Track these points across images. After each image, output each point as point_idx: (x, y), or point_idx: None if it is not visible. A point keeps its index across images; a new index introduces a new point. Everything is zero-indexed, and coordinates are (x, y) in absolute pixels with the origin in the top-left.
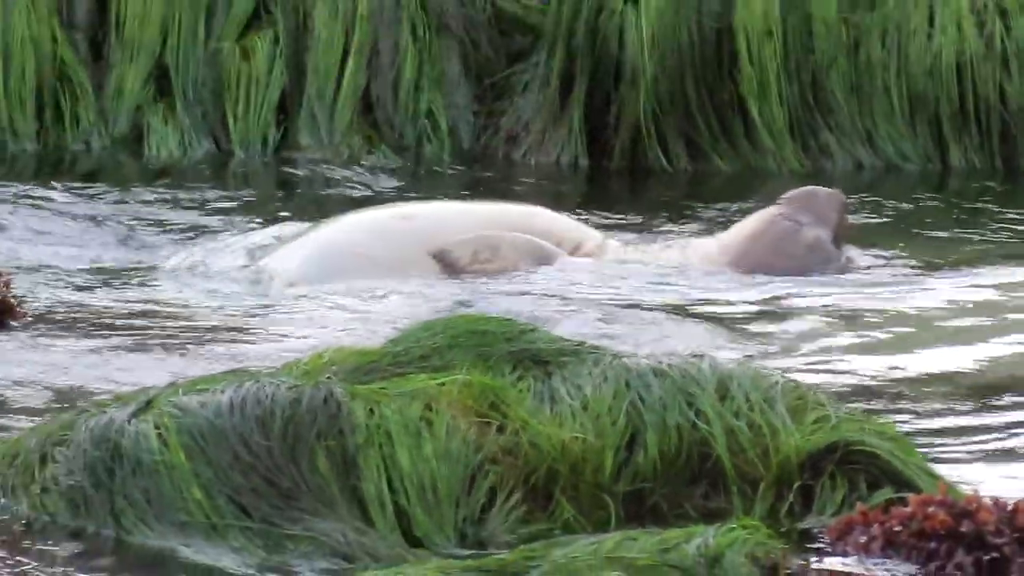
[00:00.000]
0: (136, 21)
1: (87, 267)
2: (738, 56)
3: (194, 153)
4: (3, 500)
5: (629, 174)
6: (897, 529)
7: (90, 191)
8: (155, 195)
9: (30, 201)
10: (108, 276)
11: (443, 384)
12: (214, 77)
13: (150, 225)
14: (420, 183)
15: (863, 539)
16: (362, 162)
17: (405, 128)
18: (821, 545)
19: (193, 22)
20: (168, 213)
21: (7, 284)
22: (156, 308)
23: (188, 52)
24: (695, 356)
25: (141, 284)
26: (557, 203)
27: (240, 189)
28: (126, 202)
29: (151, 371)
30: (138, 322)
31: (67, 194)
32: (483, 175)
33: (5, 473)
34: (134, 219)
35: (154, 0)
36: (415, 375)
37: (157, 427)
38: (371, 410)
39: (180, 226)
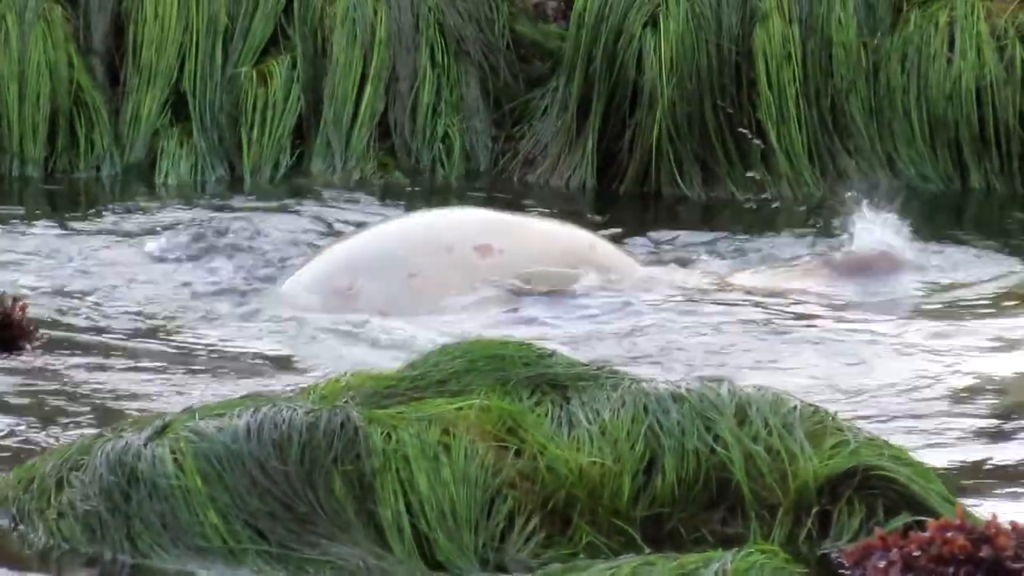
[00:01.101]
0: (153, 46)
1: (102, 293)
2: (757, 80)
3: (207, 178)
4: (20, 525)
5: (640, 198)
6: (916, 554)
7: (102, 217)
8: (167, 220)
9: (42, 227)
10: (124, 301)
11: (461, 409)
12: (231, 102)
13: (163, 250)
14: (436, 195)
15: (882, 564)
16: (376, 187)
17: (422, 153)
18: (839, 570)
19: (211, 47)
20: (179, 238)
21: (23, 308)
22: (172, 333)
23: (205, 77)
24: (714, 381)
25: (155, 309)
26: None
27: (251, 214)
28: (138, 227)
29: (167, 396)
30: (154, 346)
31: (79, 220)
32: (497, 197)
33: (21, 498)
34: (147, 244)
35: (171, 25)
36: (433, 400)
37: (173, 452)
38: (388, 435)
39: (191, 251)
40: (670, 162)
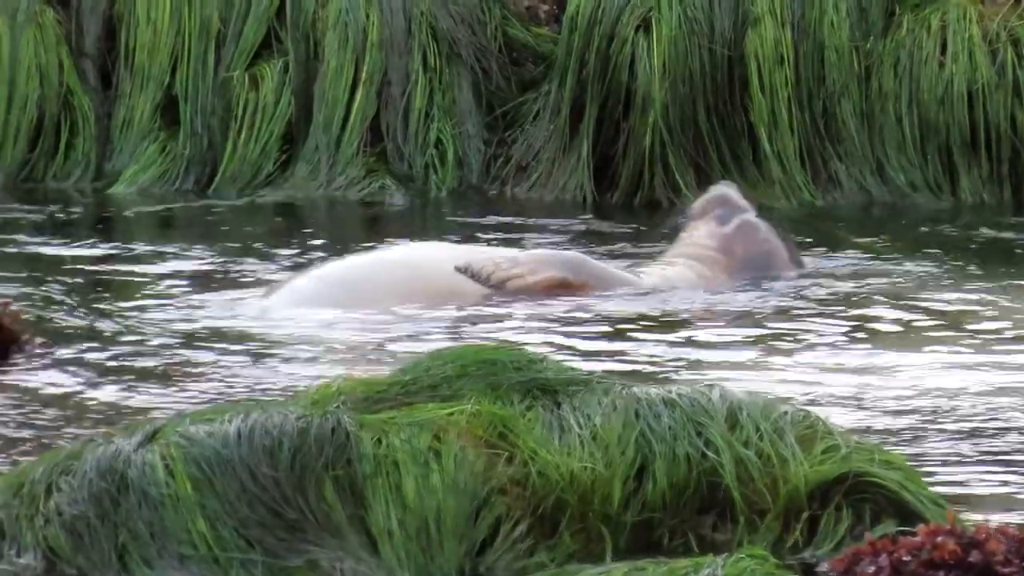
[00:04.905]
0: (145, 49)
1: (89, 298)
2: (749, 84)
3: (187, 183)
4: (9, 531)
5: (635, 205)
6: (906, 559)
7: (82, 223)
8: (149, 225)
9: (24, 233)
10: (111, 307)
11: (452, 414)
12: (223, 106)
13: (146, 256)
14: (428, 213)
15: (871, 569)
16: (367, 192)
17: (415, 158)
18: None
19: (203, 50)
20: (162, 244)
21: (15, 316)
22: (161, 339)
23: (198, 81)
24: (705, 385)
25: (146, 315)
26: (563, 235)
27: (235, 220)
28: (119, 233)
29: (157, 401)
30: (144, 353)
31: (60, 225)
32: (491, 205)
33: (10, 503)
34: (130, 251)
35: (164, 28)
36: (424, 405)
37: (164, 457)
38: (379, 440)
39: (174, 256)
40: (664, 167)
